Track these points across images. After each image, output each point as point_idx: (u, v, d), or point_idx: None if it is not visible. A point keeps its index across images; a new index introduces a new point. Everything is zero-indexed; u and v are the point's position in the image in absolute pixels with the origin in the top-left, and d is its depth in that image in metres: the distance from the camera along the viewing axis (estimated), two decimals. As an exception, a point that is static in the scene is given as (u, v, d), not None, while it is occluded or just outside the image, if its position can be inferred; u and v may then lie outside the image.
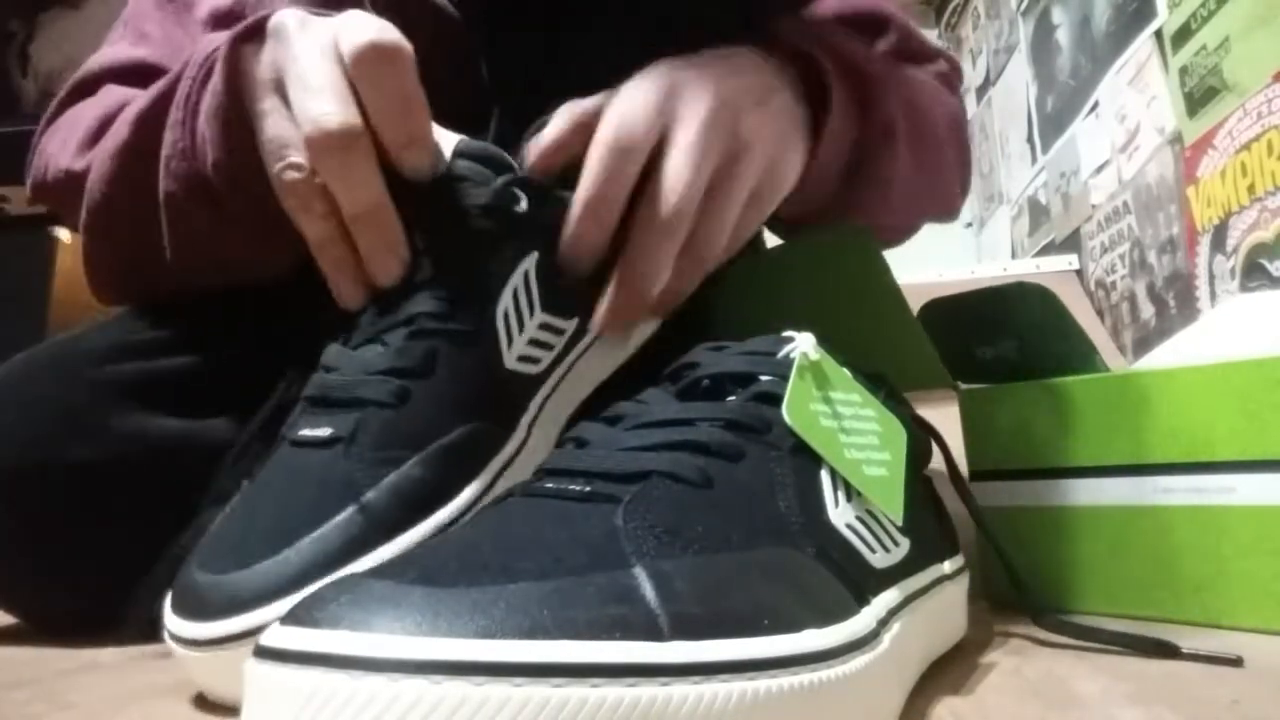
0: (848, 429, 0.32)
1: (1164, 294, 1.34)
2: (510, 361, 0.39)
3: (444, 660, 0.19)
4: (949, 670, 0.34)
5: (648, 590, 0.23)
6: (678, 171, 0.38)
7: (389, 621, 0.20)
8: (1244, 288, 1.11)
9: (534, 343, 0.40)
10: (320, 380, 0.38)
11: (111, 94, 0.56)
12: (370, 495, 0.34)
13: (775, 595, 0.26)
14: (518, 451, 0.39)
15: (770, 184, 0.43)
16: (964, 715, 0.29)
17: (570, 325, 0.41)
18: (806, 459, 0.31)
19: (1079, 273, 1.64)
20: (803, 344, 0.33)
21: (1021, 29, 1.94)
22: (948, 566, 0.37)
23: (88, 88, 0.58)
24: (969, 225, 2.35)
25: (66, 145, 0.54)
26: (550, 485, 0.28)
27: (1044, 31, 1.81)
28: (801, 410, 0.31)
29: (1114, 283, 1.52)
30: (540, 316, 0.40)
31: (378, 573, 0.23)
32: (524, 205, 0.39)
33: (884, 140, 0.49)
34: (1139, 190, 1.40)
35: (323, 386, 0.38)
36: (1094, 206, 1.58)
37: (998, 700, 0.30)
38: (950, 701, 0.30)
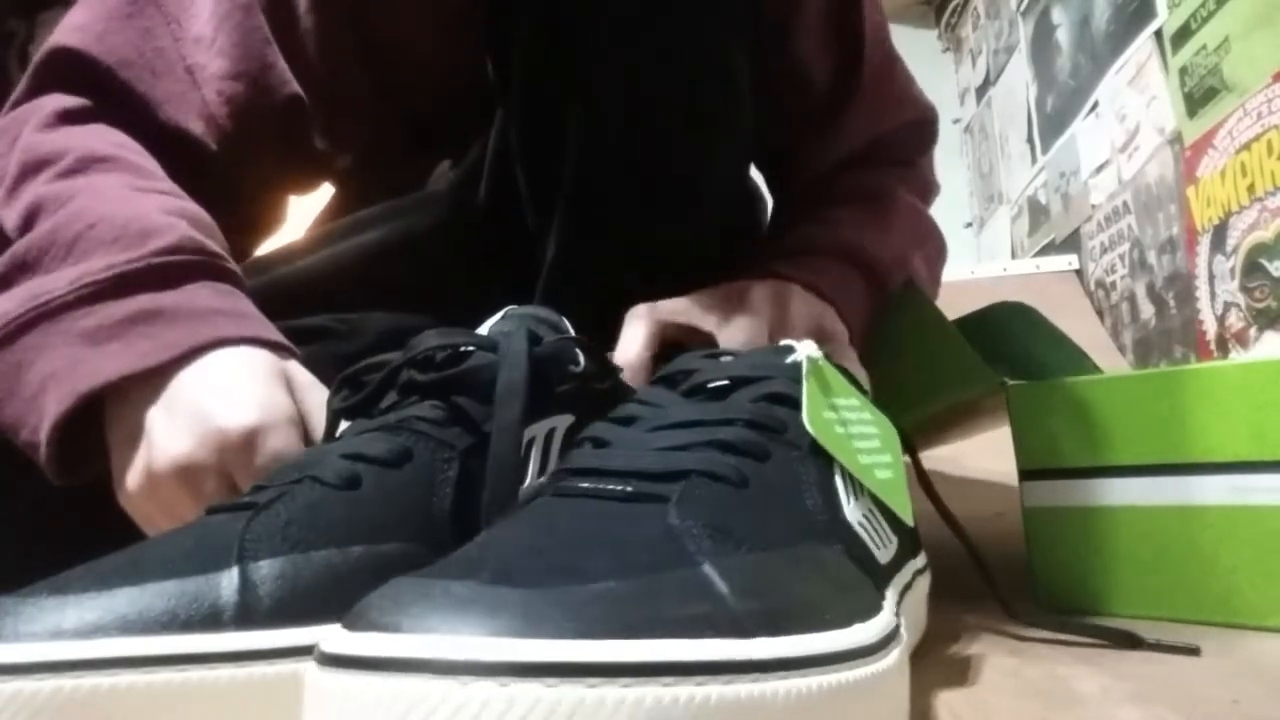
0: (853, 434, 0.33)
1: (1164, 294, 1.34)
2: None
3: (552, 662, 0.19)
4: (949, 670, 0.34)
5: (722, 588, 0.23)
6: None
7: (484, 623, 0.19)
8: (1244, 288, 1.11)
9: None
10: (276, 467, 0.36)
11: (40, 113, 0.51)
12: (259, 567, 0.29)
13: (824, 592, 0.26)
14: None
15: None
16: (964, 715, 0.29)
17: None
18: (821, 459, 0.31)
19: (1079, 273, 1.64)
20: (805, 350, 0.33)
21: (1021, 29, 1.93)
22: (918, 563, 0.37)
23: (44, 80, 0.53)
24: (969, 225, 2.35)
25: None
26: (586, 485, 0.28)
27: (1044, 31, 1.81)
28: (818, 417, 0.31)
29: (1114, 283, 1.51)
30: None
31: (448, 574, 0.22)
32: (581, 365, 0.38)
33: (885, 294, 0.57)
34: (1139, 190, 1.40)
35: (274, 472, 0.34)
36: (1094, 206, 1.58)
37: (998, 700, 0.30)
38: (950, 701, 0.30)
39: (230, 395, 0.39)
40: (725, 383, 0.33)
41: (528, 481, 0.36)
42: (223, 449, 0.39)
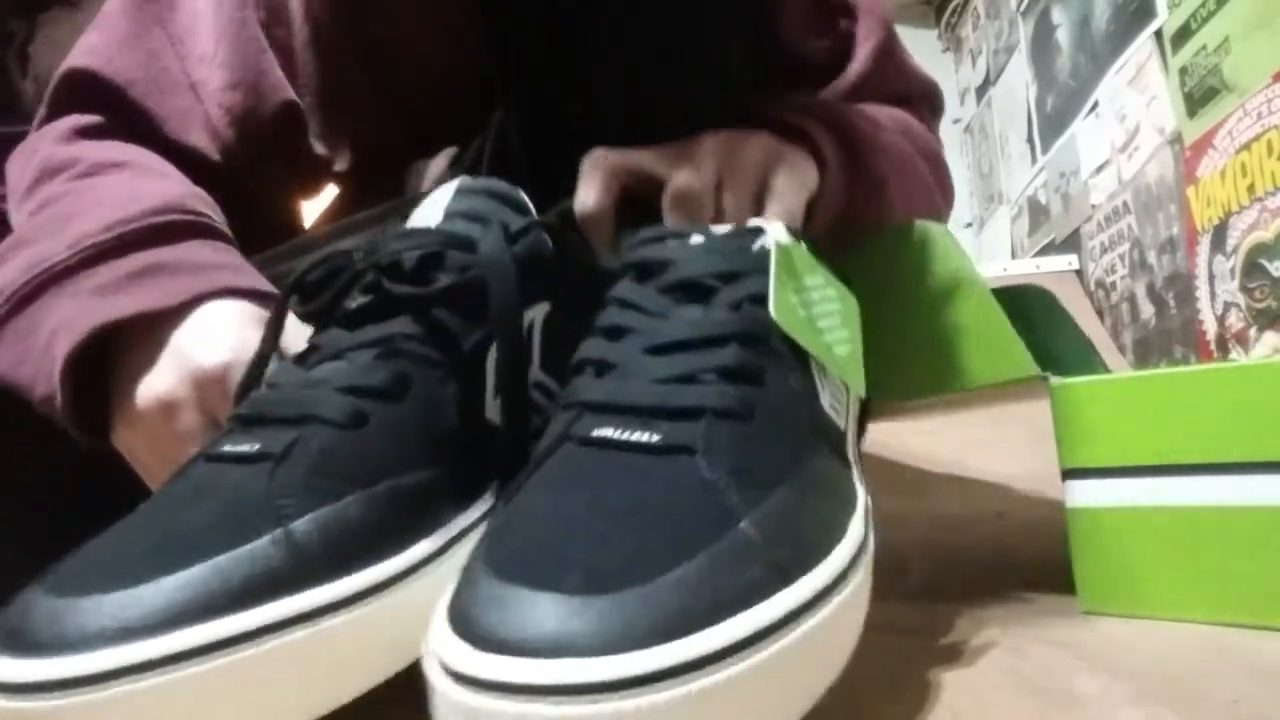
0: (816, 314, 0.34)
1: (1164, 294, 1.34)
2: (491, 412, 0.35)
3: (659, 669, 0.21)
4: (949, 668, 0.34)
5: (761, 541, 0.26)
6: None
7: (593, 640, 0.21)
8: (1244, 288, 1.11)
9: None
10: (257, 397, 0.33)
11: (57, 130, 0.54)
12: (301, 525, 0.28)
13: (827, 508, 0.30)
14: (482, 519, 0.34)
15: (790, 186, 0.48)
16: (964, 713, 0.29)
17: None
18: (798, 356, 0.33)
19: (1079, 273, 1.64)
20: (775, 234, 0.34)
21: (1021, 29, 1.93)
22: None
23: (61, 101, 0.56)
24: (969, 225, 2.35)
25: (15, 189, 0.53)
26: (611, 434, 0.29)
27: (1044, 31, 1.81)
28: (783, 303, 0.33)
29: (1114, 283, 1.52)
30: (535, 374, 0.37)
31: (536, 573, 0.23)
32: (550, 251, 0.37)
33: (874, 197, 0.53)
34: (1139, 190, 1.40)
35: (259, 403, 0.32)
36: (1094, 206, 1.58)
37: (997, 698, 0.30)
38: (950, 700, 0.30)
39: (211, 338, 0.42)
40: (706, 281, 0.34)
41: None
42: (199, 384, 0.41)
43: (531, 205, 0.40)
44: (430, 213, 0.39)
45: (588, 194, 0.45)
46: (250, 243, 0.50)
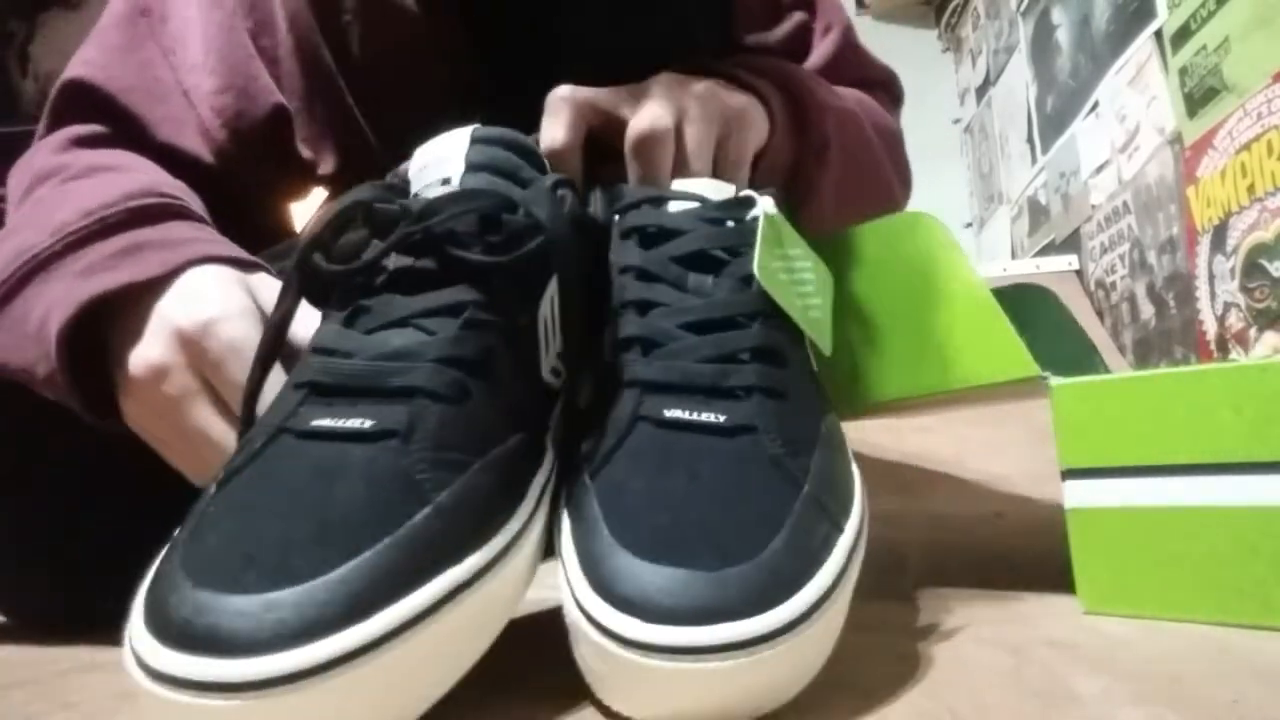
0: (795, 279, 0.38)
1: (1164, 294, 1.34)
2: (545, 372, 0.36)
3: (790, 620, 0.27)
4: (949, 670, 0.34)
5: (818, 500, 0.31)
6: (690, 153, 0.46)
7: (737, 607, 0.27)
8: (1244, 288, 1.11)
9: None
10: (328, 365, 0.32)
11: (55, 140, 0.55)
12: (444, 498, 0.29)
13: (843, 455, 0.35)
14: (551, 472, 0.35)
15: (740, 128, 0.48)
16: (963, 714, 0.29)
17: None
18: (794, 336, 0.37)
19: (1079, 273, 1.64)
20: (764, 205, 0.38)
21: (1021, 29, 1.93)
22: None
23: (60, 112, 0.57)
24: (969, 225, 2.35)
25: (13, 197, 0.54)
26: (682, 416, 0.33)
27: (1044, 31, 1.81)
28: (767, 266, 0.36)
29: (1114, 283, 1.52)
30: None
31: (677, 552, 0.28)
32: (573, 205, 0.37)
33: (818, 157, 0.54)
34: (1139, 190, 1.40)
35: (334, 372, 0.31)
36: (1094, 206, 1.58)
37: (997, 699, 0.30)
38: (950, 701, 0.30)
39: (191, 301, 0.42)
40: (714, 253, 0.37)
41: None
42: (183, 344, 0.41)
43: (536, 145, 0.41)
44: (445, 157, 0.37)
45: (556, 130, 0.44)
46: (242, 245, 0.50)
